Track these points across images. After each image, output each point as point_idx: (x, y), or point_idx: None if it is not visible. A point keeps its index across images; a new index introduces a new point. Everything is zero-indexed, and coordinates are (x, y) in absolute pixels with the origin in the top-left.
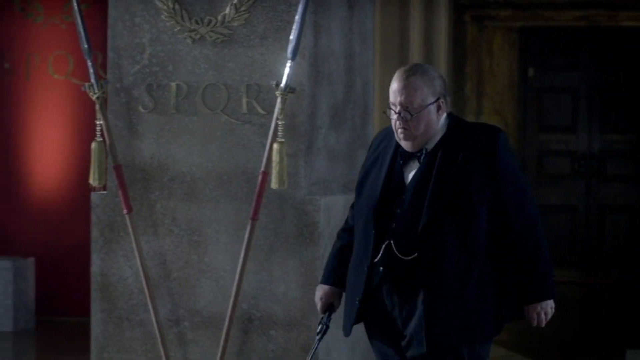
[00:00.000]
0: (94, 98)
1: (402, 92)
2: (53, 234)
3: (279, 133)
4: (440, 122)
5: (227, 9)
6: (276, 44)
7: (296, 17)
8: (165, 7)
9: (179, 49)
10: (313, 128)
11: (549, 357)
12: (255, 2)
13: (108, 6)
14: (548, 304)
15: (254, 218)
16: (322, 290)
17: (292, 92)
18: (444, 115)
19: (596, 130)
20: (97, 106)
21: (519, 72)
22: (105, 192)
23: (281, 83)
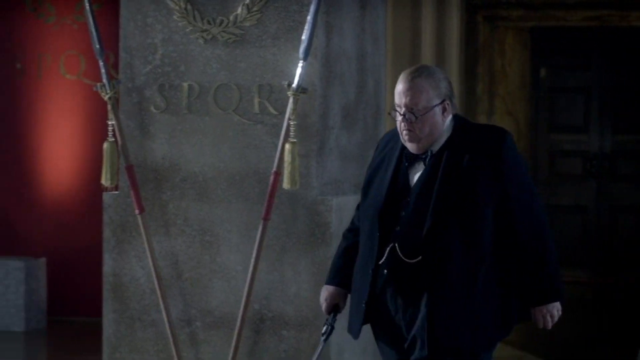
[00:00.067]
0: (106, 98)
1: (407, 94)
2: (65, 234)
3: (291, 133)
4: (445, 124)
5: (239, 9)
6: (288, 44)
7: (308, 17)
8: (177, 7)
9: (191, 49)
10: (325, 128)
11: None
12: (267, 2)
13: (120, 6)
14: (555, 306)
15: (266, 218)
16: (327, 291)
17: (304, 93)
18: (450, 117)
19: (608, 130)
20: (109, 106)
21: (531, 72)
22: (117, 192)
23: (293, 83)
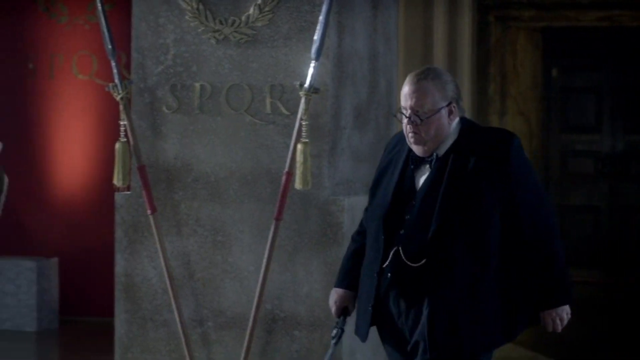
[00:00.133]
0: (118, 98)
1: (413, 96)
2: (77, 235)
3: (303, 133)
4: (452, 127)
5: (251, 10)
6: (300, 45)
7: (320, 18)
8: (189, 8)
9: (203, 50)
10: (337, 128)
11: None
12: (279, 3)
13: (132, 6)
14: (564, 310)
15: (278, 218)
16: (337, 294)
17: (316, 93)
18: (456, 119)
19: (620, 130)
20: (121, 106)
21: (543, 73)
22: (129, 193)
23: (305, 83)
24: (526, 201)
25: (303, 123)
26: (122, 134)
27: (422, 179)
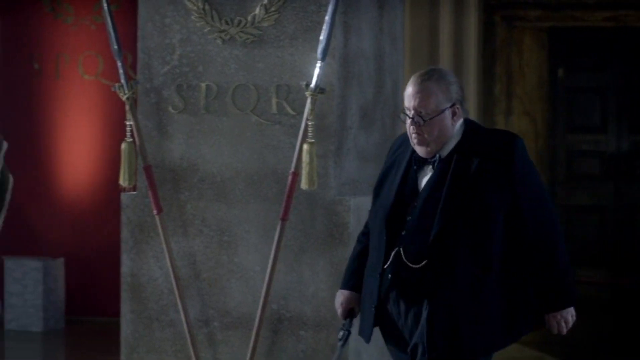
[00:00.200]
0: (124, 98)
1: (416, 97)
2: (83, 235)
3: (309, 133)
4: (455, 128)
5: (257, 10)
6: (306, 45)
7: (326, 18)
8: (195, 8)
9: (209, 50)
10: (343, 128)
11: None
12: (285, 3)
13: (138, 7)
14: (568, 312)
15: (284, 218)
16: (343, 295)
17: (322, 93)
18: (460, 121)
19: (625, 130)
20: (127, 107)
21: (549, 73)
22: (135, 193)
23: (311, 83)
24: (529, 203)
25: (309, 123)
26: (128, 134)
27: (425, 180)
